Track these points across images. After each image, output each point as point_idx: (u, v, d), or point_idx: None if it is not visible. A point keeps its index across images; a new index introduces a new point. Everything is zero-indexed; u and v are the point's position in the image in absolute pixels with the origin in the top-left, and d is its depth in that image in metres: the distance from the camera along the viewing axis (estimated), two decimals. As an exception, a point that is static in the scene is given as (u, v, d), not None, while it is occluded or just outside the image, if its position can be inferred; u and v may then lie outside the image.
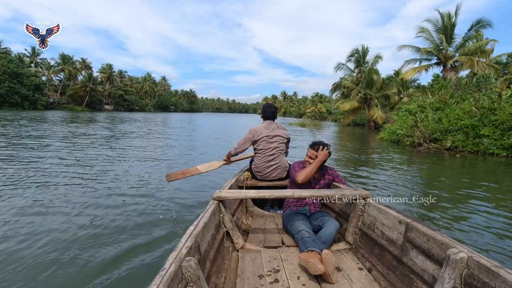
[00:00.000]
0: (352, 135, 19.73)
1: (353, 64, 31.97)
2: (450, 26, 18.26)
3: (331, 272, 1.50)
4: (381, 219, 1.75)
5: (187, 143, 11.06)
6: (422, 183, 5.65)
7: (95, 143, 9.21)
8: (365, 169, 6.73)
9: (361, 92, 25.03)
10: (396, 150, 10.45)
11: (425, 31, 19.06)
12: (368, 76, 24.71)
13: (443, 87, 13.64)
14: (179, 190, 4.26)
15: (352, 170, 6.50)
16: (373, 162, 7.85)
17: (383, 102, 26.58)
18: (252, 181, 2.85)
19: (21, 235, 2.63)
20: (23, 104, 41.24)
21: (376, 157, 8.86)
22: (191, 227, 1.43)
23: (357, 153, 9.62)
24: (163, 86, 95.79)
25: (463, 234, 3.02)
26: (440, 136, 9.59)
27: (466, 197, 4.48)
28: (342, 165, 7.26)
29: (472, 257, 1.12)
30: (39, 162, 5.85)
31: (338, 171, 2.52)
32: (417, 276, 1.39)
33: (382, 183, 5.24)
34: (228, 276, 1.58)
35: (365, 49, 30.24)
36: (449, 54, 18.72)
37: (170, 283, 0.98)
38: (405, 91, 32.68)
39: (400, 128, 11.89)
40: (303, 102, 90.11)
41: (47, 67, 54.65)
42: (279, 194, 1.95)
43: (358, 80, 30.13)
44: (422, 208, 3.76)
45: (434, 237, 1.32)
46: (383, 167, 7.08)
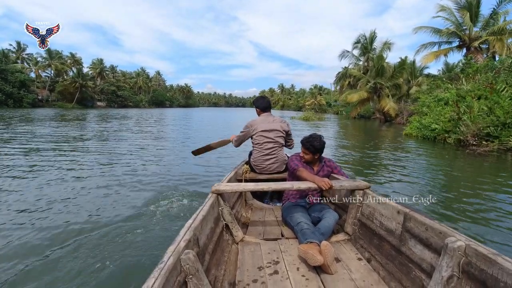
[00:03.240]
0: (365, 131, 17.64)
1: (359, 51, 29.70)
2: (476, 1, 16.01)
3: (330, 263, 1.51)
4: (379, 210, 1.74)
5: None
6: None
7: (70, 146, 7.13)
8: (415, 186, 4.70)
9: (371, 82, 22.80)
10: (435, 150, 8.38)
11: (446, 9, 16.81)
12: (377, 63, 22.44)
13: (480, 71, 11.50)
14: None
15: (392, 184, 4.48)
16: (421, 172, 5.82)
17: (394, 92, 24.46)
18: (251, 174, 2.82)
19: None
20: (7, 102, 38.73)
21: (419, 163, 6.81)
22: (189, 220, 1.42)
23: (386, 157, 7.56)
24: (157, 81, 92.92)
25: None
26: (495, 132, 7.54)
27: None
28: (374, 179, 5.21)
29: (469, 245, 1.11)
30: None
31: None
32: (416, 265, 1.38)
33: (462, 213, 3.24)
34: (227, 268, 1.58)
35: (373, 35, 27.91)
36: (474, 34, 16.54)
37: (169, 276, 0.98)
38: (414, 80, 30.56)
39: (435, 121, 9.76)
40: (302, 95, 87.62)
41: (34, 63, 51.83)
42: (278, 186, 1.96)
43: (365, 69, 27.89)
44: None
45: (432, 226, 1.32)
46: (438, 180, 5.06)
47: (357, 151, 8.43)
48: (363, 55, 29.07)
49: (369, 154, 7.69)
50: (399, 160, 6.64)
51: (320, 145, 2.17)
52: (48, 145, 7.88)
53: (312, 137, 2.18)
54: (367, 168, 5.86)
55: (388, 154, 7.60)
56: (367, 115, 31.66)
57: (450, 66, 31.97)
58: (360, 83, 25.58)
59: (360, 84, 25.47)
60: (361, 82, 25.00)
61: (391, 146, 9.37)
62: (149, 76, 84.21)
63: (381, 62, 22.21)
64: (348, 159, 7.02)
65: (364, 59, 28.70)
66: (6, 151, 6.77)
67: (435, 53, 17.45)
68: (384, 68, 22.20)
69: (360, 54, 29.54)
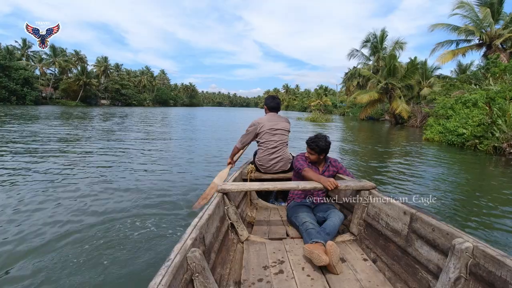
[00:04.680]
0: (377, 134, 16.71)
1: (369, 50, 28.71)
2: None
3: (335, 263, 1.49)
4: (385, 210, 1.73)
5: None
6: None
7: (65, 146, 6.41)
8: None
9: (382, 82, 21.81)
10: (463, 158, 7.49)
11: (464, 6, 15.81)
12: (389, 62, 21.44)
13: (508, 70, 10.52)
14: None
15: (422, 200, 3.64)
16: (451, 185, 4.96)
17: (405, 93, 23.44)
18: (256, 174, 2.83)
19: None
20: (10, 99, 38.42)
21: (450, 174, 5.94)
22: (195, 219, 1.42)
23: (408, 166, 6.68)
24: (162, 79, 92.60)
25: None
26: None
27: None
28: (403, 188, 4.36)
29: (477, 246, 1.10)
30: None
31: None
32: (422, 266, 1.37)
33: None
34: (233, 267, 1.59)
35: (384, 34, 26.91)
36: (496, 32, 15.51)
37: (176, 273, 0.99)
38: (424, 81, 29.46)
39: (461, 125, 8.81)
40: (306, 95, 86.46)
41: (39, 60, 51.65)
42: (283, 186, 1.95)
43: (375, 69, 26.89)
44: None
45: (439, 227, 1.30)
46: (471, 193, 4.20)
47: (374, 157, 7.57)
48: (373, 55, 28.09)
49: (388, 162, 6.83)
50: (424, 170, 5.77)
51: (326, 145, 2.16)
52: (49, 144, 7.16)
53: (317, 137, 2.17)
54: (388, 178, 5.01)
55: (410, 163, 6.72)
56: (375, 116, 30.64)
57: (464, 67, 30.89)
58: (370, 83, 24.60)
59: (370, 84, 24.50)
60: (371, 83, 24.03)
61: (411, 152, 8.46)
62: (153, 75, 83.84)
63: (393, 62, 21.21)
64: (362, 166, 6.17)
65: (374, 59, 27.71)
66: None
67: (453, 52, 16.44)
68: (396, 67, 21.20)
69: (370, 53, 28.56)
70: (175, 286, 0.96)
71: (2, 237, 2.47)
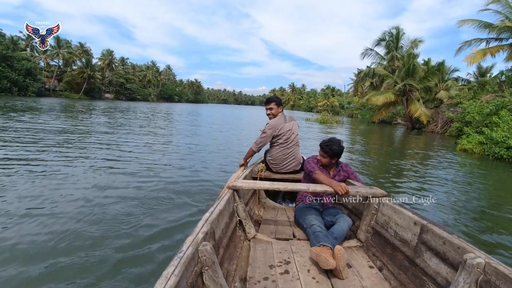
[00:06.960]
0: (396, 139, 15.28)
1: (383, 49, 27.15)
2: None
3: (342, 268, 1.48)
4: (395, 219, 1.70)
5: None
6: None
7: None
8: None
9: (399, 83, 20.30)
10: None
11: (500, 0, 14.25)
12: (408, 62, 19.90)
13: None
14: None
15: None
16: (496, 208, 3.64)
17: (422, 96, 21.89)
18: (266, 173, 2.85)
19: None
20: (11, 90, 37.68)
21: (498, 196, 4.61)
22: (206, 213, 1.43)
23: (447, 186, 5.32)
24: (167, 75, 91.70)
25: None
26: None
27: None
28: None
29: (489, 263, 1.07)
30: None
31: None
32: (430, 278, 1.34)
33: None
34: (239, 263, 1.61)
35: (400, 32, 25.33)
36: (534, 30, 13.94)
37: (188, 265, 1.01)
38: (441, 83, 27.84)
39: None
40: (313, 95, 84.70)
41: (42, 51, 51.00)
42: (294, 187, 1.96)
43: (390, 68, 25.34)
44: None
45: (451, 241, 1.27)
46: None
47: (399, 168, 6.21)
48: (388, 54, 26.52)
49: (419, 178, 5.48)
50: (467, 192, 4.43)
51: (339, 149, 2.17)
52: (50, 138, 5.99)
53: (331, 141, 2.18)
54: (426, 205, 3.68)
55: (448, 182, 5.36)
56: (387, 120, 29.03)
57: (483, 69, 29.16)
58: (385, 84, 23.08)
59: (385, 85, 22.98)
60: (387, 83, 22.51)
61: (444, 165, 7.07)
62: (158, 70, 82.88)
63: (412, 61, 19.68)
64: (380, 176, 4.85)
65: (388, 58, 26.13)
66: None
67: (483, 51, 14.87)
68: (416, 67, 19.67)
69: (385, 53, 27.00)
70: (186, 277, 0.98)
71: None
